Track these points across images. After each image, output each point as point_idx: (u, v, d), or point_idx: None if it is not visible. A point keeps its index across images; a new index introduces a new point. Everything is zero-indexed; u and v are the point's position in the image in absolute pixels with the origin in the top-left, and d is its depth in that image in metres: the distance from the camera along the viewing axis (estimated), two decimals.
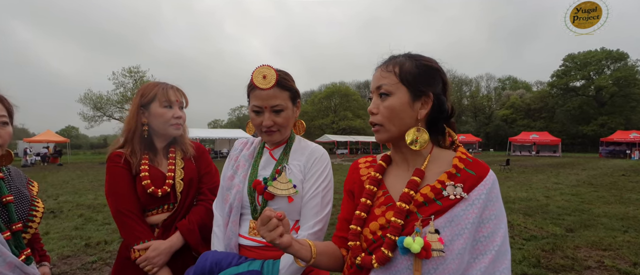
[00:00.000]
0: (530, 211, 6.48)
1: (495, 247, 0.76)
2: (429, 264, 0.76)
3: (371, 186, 0.91)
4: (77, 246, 4.38)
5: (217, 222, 1.26)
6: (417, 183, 0.84)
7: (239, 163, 1.28)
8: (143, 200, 1.36)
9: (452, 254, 0.75)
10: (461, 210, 0.78)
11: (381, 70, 0.90)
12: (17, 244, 1.17)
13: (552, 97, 52.91)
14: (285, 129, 1.21)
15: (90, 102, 38.48)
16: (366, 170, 1.00)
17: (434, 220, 0.78)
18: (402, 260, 0.79)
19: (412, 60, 0.87)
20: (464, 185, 0.80)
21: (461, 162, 0.85)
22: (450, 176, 0.83)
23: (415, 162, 0.90)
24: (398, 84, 0.86)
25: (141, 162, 1.39)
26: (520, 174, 14.04)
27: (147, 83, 1.47)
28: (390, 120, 0.86)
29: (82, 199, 7.88)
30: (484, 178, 0.81)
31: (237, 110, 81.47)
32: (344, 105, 51.75)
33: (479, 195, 0.79)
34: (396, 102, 0.85)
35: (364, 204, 0.90)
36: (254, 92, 1.16)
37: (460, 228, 0.76)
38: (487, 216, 0.79)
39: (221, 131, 32.86)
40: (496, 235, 0.77)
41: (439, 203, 0.80)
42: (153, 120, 1.42)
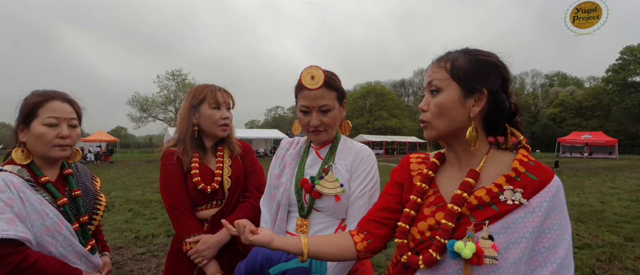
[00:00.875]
0: (583, 217, 6.02)
1: (556, 260, 0.71)
2: (480, 271, 0.72)
3: (423, 184, 0.88)
4: (127, 238, 4.69)
5: (265, 218, 1.30)
6: (471, 185, 0.80)
7: (285, 162, 1.31)
8: (194, 196, 1.44)
9: (506, 263, 0.71)
10: (519, 217, 0.73)
11: (433, 66, 0.87)
12: (83, 234, 1.28)
13: (607, 94, 48.60)
14: (332, 128, 1.23)
15: (137, 104, 41.22)
16: (418, 166, 0.97)
17: (488, 226, 0.74)
18: (450, 264, 0.76)
19: (466, 55, 0.84)
20: (524, 191, 0.75)
21: (522, 166, 0.79)
22: (508, 180, 0.78)
23: (469, 163, 0.87)
24: (449, 80, 0.82)
25: (192, 160, 1.46)
26: (571, 178, 13.09)
27: (197, 85, 1.55)
28: (438, 117, 0.83)
29: (131, 195, 8.43)
30: (547, 184, 0.76)
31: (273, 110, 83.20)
32: (379, 105, 51.11)
33: (540, 203, 0.74)
34: (445, 99, 0.82)
35: (414, 202, 0.87)
36: (302, 93, 1.18)
37: (517, 236, 0.72)
38: (549, 226, 0.73)
39: (258, 131, 33.76)
40: (559, 247, 0.72)
41: (494, 208, 0.76)
42: (203, 121, 1.49)
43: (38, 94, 1.24)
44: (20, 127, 1.22)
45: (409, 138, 41.77)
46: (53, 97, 1.23)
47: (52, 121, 1.20)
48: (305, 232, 1.19)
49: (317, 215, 1.20)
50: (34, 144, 1.20)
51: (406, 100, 73.21)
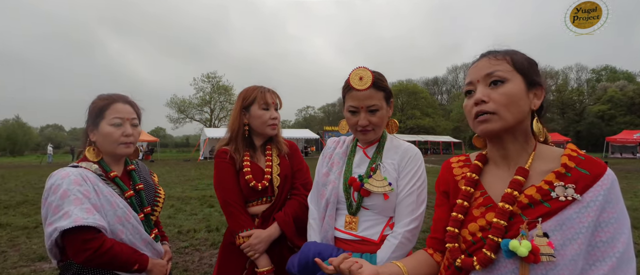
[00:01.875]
0: (637, 222, 5.60)
1: (616, 254, 0.69)
2: (538, 270, 0.72)
3: (468, 187, 0.89)
4: (171, 233, 4.95)
5: (313, 215, 1.35)
6: (521, 183, 0.79)
7: (333, 161, 1.36)
8: (245, 193, 1.52)
9: (564, 260, 0.70)
10: (574, 213, 0.72)
11: (488, 59, 0.85)
12: (147, 224, 1.40)
13: None
14: (379, 128, 1.26)
15: (175, 105, 43.18)
16: (460, 170, 0.97)
17: (542, 223, 0.74)
18: (505, 264, 0.76)
19: (519, 53, 0.85)
20: (576, 186, 0.74)
21: (571, 161, 0.78)
22: (558, 176, 0.77)
23: (518, 160, 0.86)
24: (513, 72, 0.81)
25: (244, 158, 1.55)
26: (622, 179, 12.17)
27: (248, 87, 1.63)
28: (508, 107, 0.80)
29: (172, 192, 8.86)
30: (600, 177, 0.74)
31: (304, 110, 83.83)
32: (412, 104, 50.09)
33: (595, 197, 0.72)
34: (514, 89, 0.80)
35: (460, 205, 0.88)
36: (350, 93, 1.22)
37: (573, 232, 0.71)
38: (606, 219, 0.72)
39: (289, 131, 34.20)
40: (617, 240, 0.70)
41: (546, 205, 0.75)
42: (253, 121, 1.57)
43: (103, 97, 1.37)
44: (90, 128, 1.35)
45: (443, 137, 40.59)
46: (116, 100, 1.36)
47: (117, 121, 1.32)
48: (354, 229, 1.23)
49: (366, 213, 1.23)
50: (103, 142, 1.33)
51: (439, 99, 71.10)
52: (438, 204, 1.02)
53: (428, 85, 69.62)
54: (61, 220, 1.13)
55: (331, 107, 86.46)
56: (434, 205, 1.04)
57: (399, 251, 1.13)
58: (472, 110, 0.84)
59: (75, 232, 1.13)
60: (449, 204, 0.96)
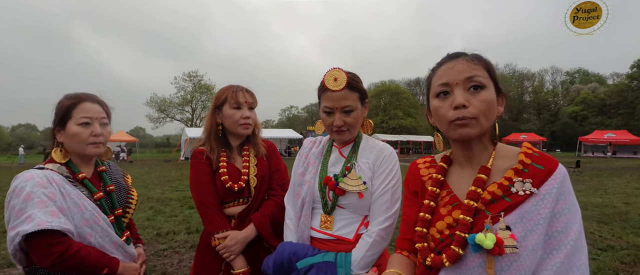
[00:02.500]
0: (606, 219, 5.86)
1: (570, 242, 0.74)
2: (503, 261, 0.75)
3: (434, 188, 0.92)
4: (149, 235, 4.84)
5: (289, 215, 1.35)
6: (483, 180, 0.83)
7: (309, 160, 1.36)
8: (221, 194, 1.50)
9: (526, 251, 0.74)
10: (532, 206, 0.76)
11: (467, 62, 0.84)
12: (119, 226, 1.36)
13: (632, 91, 46.83)
14: (354, 128, 1.27)
15: (155, 104, 42.25)
16: (426, 170, 1.00)
17: (504, 217, 0.77)
18: (473, 258, 0.78)
19: (486, 59, 0.87)
20: (533, 181, 0.78)
21: (528, 157, 0.82)
22: (517, 172, 0.81)
23: (480, 159, 0.89)
24: (488, 78, 0.84)
25: (220, 159, 1.53)
26: (593, 178, 12.71)
27: (222, 87, 1.62)
28: (486, 114, 0.82)
29: (151, 193, 8.67)
30: (553, 172, 0.79)
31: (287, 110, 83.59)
32: (394, 104, 50.78)
33: (550, 190, 0.77)
34: (491, 96, 0.82)
35: (427, 206, 0.90)
36: (325, 94, 1.23)
37: (533, 224, 0.75)
38: (560, 210, 0.76)
39: (272, 131, 34.05)
40: (571, 229, 0.75)
41: (507, 200, 0.79)
42: (225, 121, 1.56)
43: (70, 97, 1.33)
44: (57, 129, 1.31)
45: (424, 137, 41.32)
46: (84, 99, 1.32)
47: (85, 121, 1.28)
48: (329, 228, 1.23)
49: (341, 211, 1.24)
50: (70, 143, 1.29)
51: (421, 99, 72.32)
52: (407, 204, 1.03)
53: (410, 86, 70.66)
54: (24, 224, 1.09)
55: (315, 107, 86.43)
56: (403, 206, 1.06)
57: (373, 250, 1.15)
58: (450, 114, 0.83)
59: (39, 236, 1.09)
60: (418, 203, 0.98)
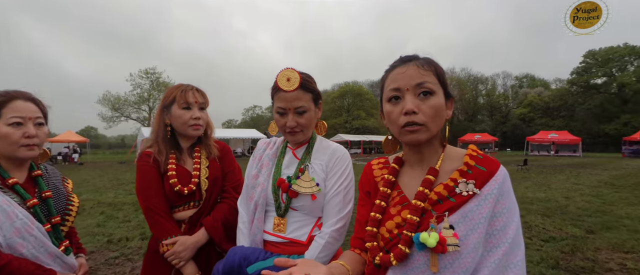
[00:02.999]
0: (549, 212, 6.35)
1: (508, 240, 0.77)
2: (446, 259, 0.78)
3: (385, 188, 0.94)
4: (100, 242, 4.53)
5: (242, 218, 1.31)
6: (431, 181, 0.86)
7: (262, 162, 1.33)
8: (170, 198, 1.43)
9: (467, 249, 0.77)
10: (474, 206, 0.79)
11: (417, 67, 0.85)
12: (56, 235, 1.25)
13: (572, 95, 51.54)
14: (308, 129, 1.26)
15: (109, 103, 39.76)
16: (380, 171, 1.02)
17: (448, 217, 0.80)
18: (419, 256, 0.81)
19: (437, 63, 0.89)
20: (475, 182, 0.82)
21: (472, 159, 0.86)
22: (461, 173, 0.84)
23: (430, 161, 0.92)
24: (438, 84, 0.86)
25: (168, 161, 1.46)
26: (539, 174, 13.74)
27: (171, 86, 1.55)
28: (434, 120, 0.84)
29: (102, 197, 8.14)
30: (495, 173, 0.83)
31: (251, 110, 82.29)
32: (357, 105, 51.75)
33: (491, 191, 0.80)
34: (440, 102, 0.85)
35: (378, 205, 0.92)
36: (278, 94, 1.21)
37: (474, 223, 0.78)
38: (499, 210, 0.80)
39: (235, 131, 33.36)
40: (508, 228, 0.79)
41: (452, 200, 0.82)
42: (174, 121, 1.49)
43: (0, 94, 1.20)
44: None
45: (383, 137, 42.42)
46: (15, 97, 1.20)
47: (17, 121, 1.17)
48: (282, 230, 1.22)
49: (294, 214, 1.23)
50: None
51: None
52: (361, 204, 1.05)
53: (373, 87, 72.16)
54: None
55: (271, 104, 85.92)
56: (357, 206, 1.07)
57: (325, 251, 1.14)
58: (400, 119, 0.85)
59: None
60: (371, 203, 1.00)
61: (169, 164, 1.45)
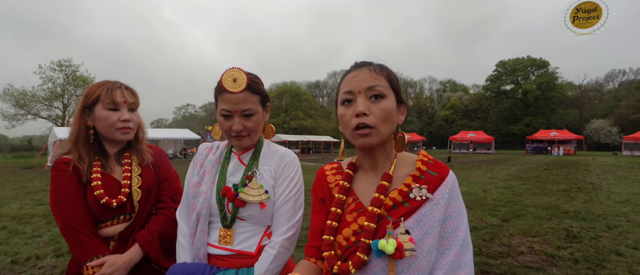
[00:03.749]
0: (471, 204, 7.02)
1: (459, 241, 0.81)
2: (403, 264, 0.79)
3: (340, 195, 0.92)
4: (1, 264, 3.87)
5: (183, 231, 1.20)
6: (386, 187, 0.87)
7: (205, 169, 1.23)
8: (95, 211, 1.25)
9: (422, 252, 0.79)
10: (428, 210, 0.82)
11: (370, 71, 0.88)
12: None
13: (486, 99, 58.43)
14: (255, 133, 1.19)
15: (12, 98, 34.28)
16: (333, 177, 1.01)
17: (404, 222, 0.81)
18: (377, 263, 0.81)
19: (390, 70, 0.91)
20: (428, 186, 0.85)
21: (423, 165, 0.89)
22: (415, 179, 0.87)
23: (383, 167, 0.93)
24: (389, 88, 0.87)
25: (92, 169, 1.28)
26: (461, 170, 15.14)
27: (94, 83, 1.36)
28: (385, 123, 0.86)
29: (4, 209, 6.97)
30: (445, 178, 0.86)
31: (183, 108, 77.70)
32: (295, 105, 52.02)
33: (442, 195, 0.84)
34: (390, 106, 0.86)
35: (334, 213, 0.90)
36: (223, 96, 1.12)
37: (428, 227, 0.80)
38: (451, 213, 0.83)
39: (166, 131, 31.05)
40: (459, 230, 0.82)
41: (407, 205, 0.83)
42: (98, 124, 1.31)
43: None
44: None
45: (323, 137, 43.43)
46: None
47: None
48: (229, 242, 1.13)
49: (241, 224, 1.16)
50: None
51: (320, 101, 75.83)
52: (315, 210, 1.02)
53: (310, 88, 73.36)
54: None
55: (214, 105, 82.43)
56: (311, 213, 1.05)
57: (277, 261, 1.09)
58: (352, 121, 0.86)
59: None
60: (325, 210, 0.98)
61: (93, 173, 1.27)
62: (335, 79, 78.88)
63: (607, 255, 4.00)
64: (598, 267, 3.62)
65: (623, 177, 12.27)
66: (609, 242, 4.48)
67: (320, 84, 79.39)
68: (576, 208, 6.64)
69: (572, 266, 3.67)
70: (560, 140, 35.47)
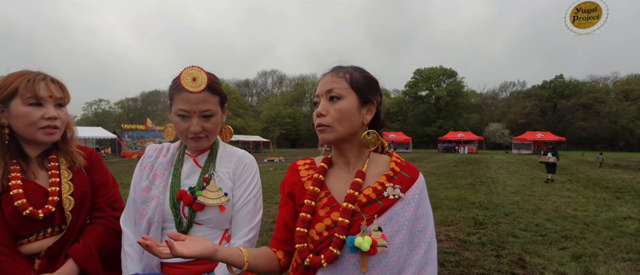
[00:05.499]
0: None
1: (427, 239, 0.88)
2: (374, 259, 0.83)
3: (315, 187, 0.94)
4: None
5: (130, 240, 1.10)
6: (360, 184, 0.90)
7: (155, 172, 1.15)
8: (15, 225, 1.07)
9: (393, 248, 0.84)
10: (399, 209, 0.87)
11: (331, 75, 0.94)
12: None
13: (405, 103, 63.84)
14: (213, 135, 1.15)
15: None
16: (306, 172, 1.02)
17: (377, 219, 0.86)
18: (348, 258, 0.85)
19: (358, 71, 0.95)
20: (401, 186, 0.90)
21: (397, 166, 0.95)
22: (388, 178, 0.92)
23: (356, 165, 0.97)
24: (349, 89, 0.91)
25: (9, 175, 1.09)
26: None
27: (10, 74, 1.14)
28: (340, 122, 0.90)
29: None
30: (416, 179, 0.93)
31: (95, 104, 69.12)
32: None
33: (413, 195, 0.90)
34: (347, 105, 0.90)
35: (308, 205, 0.92)
36: (180, 95, 1.06)
37: (399, 225, 0.86)
38: (421, 213, 0.90)
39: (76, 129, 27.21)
40: (427, 229, 0.89)
41: (380, 203, 0.88)
42: (15, 122, 1.11)
43: None
44: None
45: (253, 137, 42.59)
46: None
47: None
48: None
49: (199, 228, 1.10)
50: None
51: (250, 100, 74.23)
52: (282, 204, 1.03)
53: (240, 87, 71.33)
54: None
55: (132, 102, 75.17)
56: (279, 206, 1.05)
57: None
58: (315, 121, 0.94)
59: None
60: (293, 204, 1.00)
61: (10, 179, 1.08)
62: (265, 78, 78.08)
63: (505, 237, 4.69)
64: (500, 248, 4.23)
65: (513, 171, 14.47)
66: (507, 227, 5.25)
67: (250, 83, 77.70)
68: (480, 199, 7.64)
69: (481, 249, 4.23)
70: (465, 141, 40.53)
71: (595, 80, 60.73)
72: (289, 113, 59.99)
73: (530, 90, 61.09)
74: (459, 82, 59.09)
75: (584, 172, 14.53)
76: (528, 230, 5.09)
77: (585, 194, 8.65)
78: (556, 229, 5.13)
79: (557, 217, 5.95)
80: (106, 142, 30.32)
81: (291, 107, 63.39)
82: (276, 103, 63.10)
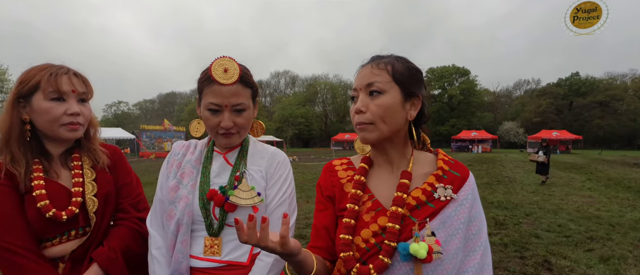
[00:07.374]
0: None
1: (482, 243, 0.80)
2: (428, 267, 0.75)
3: (357, 190, 0.86)
4: None
5: (157, 243, 1.04)
6: (407, 186, 0.82)
7: (183, 170, 1.08)
8: (38, 228, 1.01)
9: (448, 255, 0.76)
10: (452, 211, 0.79)
11: (371, 67, 0.85)
12: None
13: None
14: (245, 130, 1.08)
15: None
16: (345, 173, 0.94)
17: (429, 223, 0.77)
18: (400, 266, 0.77)
19: (401, 61, 0.86)
20: (452, 187, 0.82)
21: (446, 164, 0.86)
22: (438, 178, 0.83)
23: (399, 164, 0.89)
24: (391, 83, 0.83)
25: (31, 174, 1.03)
26: None
27: (32, 67, 1.08)
28: (383, 119, 0.82)
29: None
30: (467, 179, 0.84)
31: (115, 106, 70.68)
32: None
33: (466, 196, 0.82)
34: (390, 101, 0.82)
35: (351, 210, 0.84)
36: (211, 87, 0.99)
37: (454, 228, 0.78)
38: (474, 214, 0.82)
39: None
40: (482, 231, 0.81)
41: (431, 205, 0.80)
42: (37, 118, 1.05)
43: None
44: None
45: (266, 137, 42.74)
46: None
47: None
48: (217, 253, 1.01)
49: (230, 231, 1.03)
50: None
51: (263, 101, 74.70)
52: (320, 208, 0.94)
53: None
54: None
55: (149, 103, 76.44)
56: (315, 211, 0.96)
57: (274, 270, 1.00)
58: (355, 118, 0.86)
59: None
60: (334, 208, 0.91)
61: (33, 179, 1.03)
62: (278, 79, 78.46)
63: (528, 238, 4.53)
64: (523, 250, 4.08)
65: (530, 170, 14.07)
66: (529, 227, 5.08)
67: (262, 84, 78.06)
68: (499, 199, 7.43)
69: (503, 250, 4.08)
70: (479, 140, 39.84)
71: (612, 78, 59.03)
72: (302, 113, 60.08)
73: (545, 88, 59.83)
74: (471, 81, 58.25)
75: (604, 171, 14.08)
76: (551, 230, 4.91)
77: (606, 193, 8.35)
78: (580, 230, 4.94)
79: (580, 217, 5.74)
80: (125, 143, 31.10)
81: (304, 107, 63.52)
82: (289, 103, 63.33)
